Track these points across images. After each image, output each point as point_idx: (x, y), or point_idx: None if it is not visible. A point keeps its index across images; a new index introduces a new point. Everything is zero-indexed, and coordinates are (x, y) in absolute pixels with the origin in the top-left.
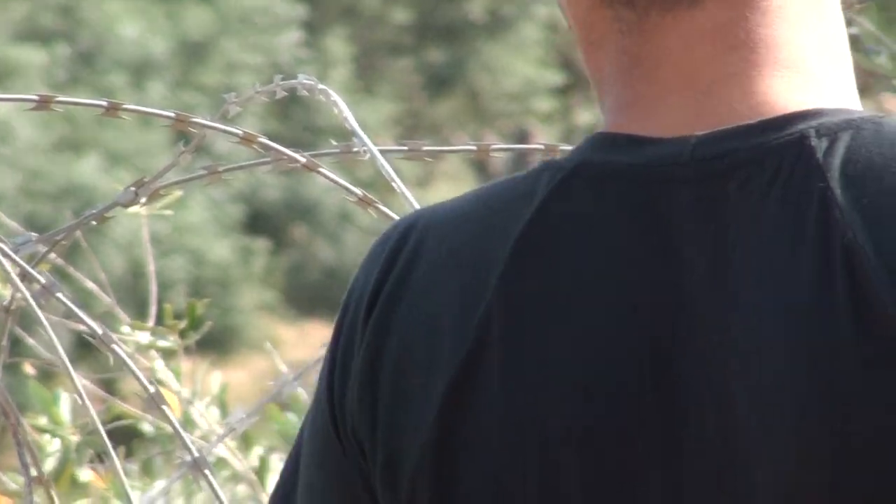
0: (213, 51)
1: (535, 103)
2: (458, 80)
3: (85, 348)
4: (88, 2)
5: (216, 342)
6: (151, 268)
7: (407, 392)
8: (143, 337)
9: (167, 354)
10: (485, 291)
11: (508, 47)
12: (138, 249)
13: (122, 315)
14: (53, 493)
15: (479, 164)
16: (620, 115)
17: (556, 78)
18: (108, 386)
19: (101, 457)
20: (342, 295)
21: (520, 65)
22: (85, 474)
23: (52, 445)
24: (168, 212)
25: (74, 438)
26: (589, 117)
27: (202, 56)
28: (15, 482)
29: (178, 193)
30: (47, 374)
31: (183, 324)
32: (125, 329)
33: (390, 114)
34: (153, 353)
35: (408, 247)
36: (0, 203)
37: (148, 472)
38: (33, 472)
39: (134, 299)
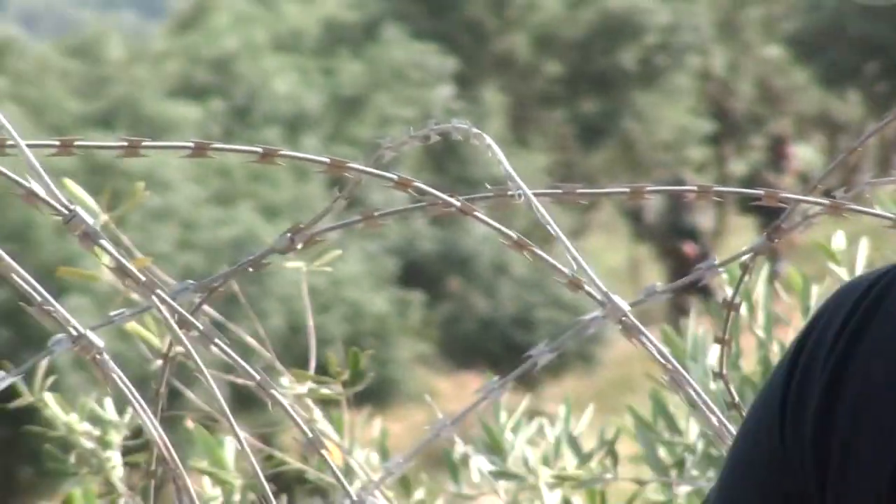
0: (366, 105)
1: (688, 152)
2: (610, 130)
3: (241, 404)
4: (243, 57)
5: (373, 395)
6: (310, 320)
7: (863, 436)
8: (302, 389)
9: (325, 406)
10: None
11: (660, 96)
12: (296, 304)
13: (282, 368)
14: None
15: (634, 214)
16: None
17: (707, 127)
18: (266, 441)
19: (262, 501)
20: (497, 346)
21: (672, 114)
22: None
23: (214, 490)
24: (328, 268)
25: (238, 482)
26: (742, 166)
27: (355, 110)
28: None
29: (338, 252)
30: (210, 428)
31: (346, 374)
32: (284, 381)
33: (544, 165)
34: (310, 403)
35: (870, 297)
36: (158, 258)
37: None
38: None
39: (292, 354)
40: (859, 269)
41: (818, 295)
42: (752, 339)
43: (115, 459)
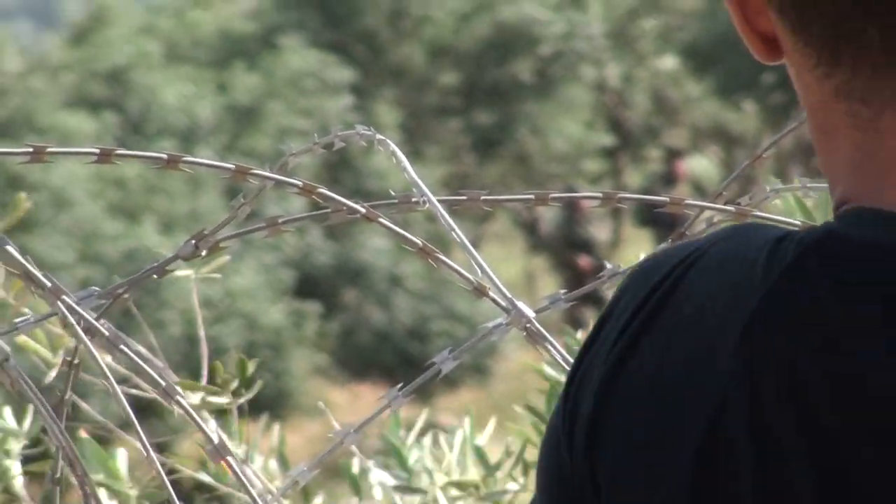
0: (261, 115)
1: (584, 164)
2: (505, 142)
3: (138, 414)
4: (136, 69)
5: (269, 406)
6: (201, 330)
7: (634, 448)
8: (195, 398)
9: (220, 416)
10: (715, 366)
11: (555, 108)
12: (194, 314)
13: (174, 377)
14: None
15: (529, 225)
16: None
17: (604, 139)
18: (162, 450)
19: None
20: (392, 358)
21: (567, 125)
22: None
23: (111, 502)
24: (216, 275)
25: (133, 493)
26: (637, 178)
27: (251, 121)
28: None
29: (226, 258)
30: (99, 440)
31: (235, 382)
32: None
33: (439, 176)
34: (206, 414)
35: (663, 288)
36: (58, 270)
37: None
38: None
39: (188, 365)
40: None
41: None
42: None
43: (14, 469)
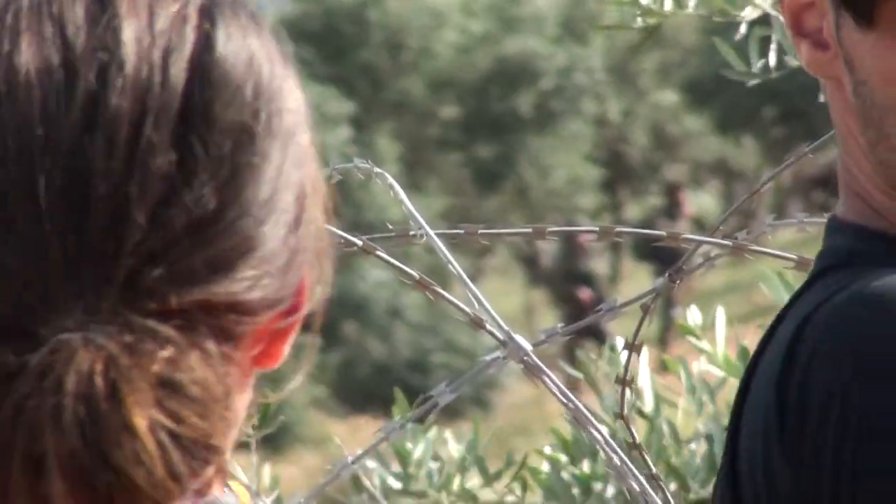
0: None
1: (584, 199)
2: (506, 175)
3: None
4: None
5: (267, 438)
6: None
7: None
8: None
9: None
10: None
11: (556, 141)
12: None
13: None
14: None
15: (529, 259)
16: None
17: (602, 173)
18: None
19: None
20: (391, 391)
21: (567, 159)
22: None
23: None
24: None
25: None
26: (637, 212)
27: None
28: None
29: None
30: None
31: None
32: None
33: (439, 209)
34: None
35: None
36: None
37: None
38: None
39: None
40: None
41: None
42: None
43: None
